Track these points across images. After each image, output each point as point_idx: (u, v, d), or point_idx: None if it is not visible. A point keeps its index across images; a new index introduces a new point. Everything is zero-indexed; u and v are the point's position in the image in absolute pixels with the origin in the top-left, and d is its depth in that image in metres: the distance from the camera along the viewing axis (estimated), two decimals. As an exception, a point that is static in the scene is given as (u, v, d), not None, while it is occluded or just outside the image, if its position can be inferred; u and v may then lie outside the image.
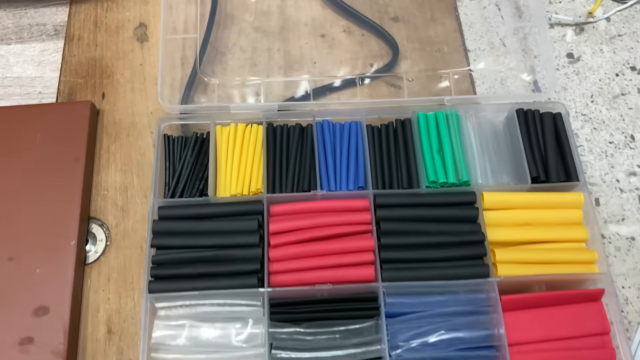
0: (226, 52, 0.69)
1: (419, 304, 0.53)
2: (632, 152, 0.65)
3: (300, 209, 0.57)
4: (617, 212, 0.62)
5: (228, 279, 0.53)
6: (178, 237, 0.55)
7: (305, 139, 0.60)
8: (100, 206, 0.62)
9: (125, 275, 0.59)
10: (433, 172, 0.58)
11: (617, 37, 0.72)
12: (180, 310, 0.53)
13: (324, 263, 0.54)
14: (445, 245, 0.55)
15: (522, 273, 0.54)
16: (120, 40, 0.71)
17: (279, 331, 0.52)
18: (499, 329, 0.52)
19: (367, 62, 0.70)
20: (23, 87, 0.68)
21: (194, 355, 0.52)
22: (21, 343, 0.53)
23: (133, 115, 0.66)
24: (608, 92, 0.69)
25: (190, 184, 0.58)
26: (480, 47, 0.71)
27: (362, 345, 0.51)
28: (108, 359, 0.56)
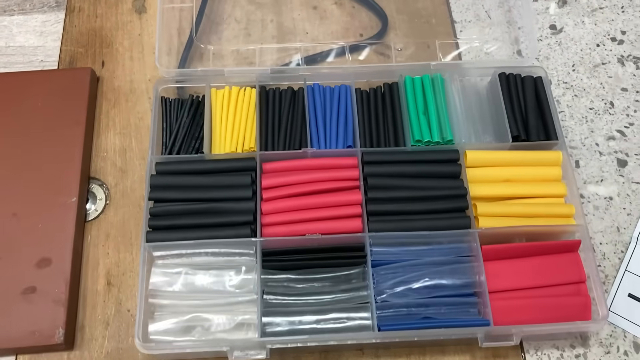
0: (221, 22, 0.72)
1: (403, 253, 0.56)
2: (612, 117, 0.68)
3: (291, 166, 0.59)
4: (596, 174, 0.65)
5: (222, 230, 0.56)
6: (175, 190, 0.58)
7: (297, 102, 0.63)
8: (100, 167, 0.65)
9: (123, 231, 0.61)
10: (418, 132, 0.61)
11: (598, 10, 0.75)
12: (176, 259, 0.56)
13: (314, 216, 0.57)
14: (429, 199, 0.58)
15: (503, 225, 0.57)
16: (119, 11, 0.73)
17: (270, 277, 0.54)
18: (480, 276, 0.54)
19: (357, 33, 0.72)
20: (26, 55, 0.71)
21: (189, 300, 0.54)
22: (24, 292, 0.56)
23: (131, 82, 0.69)
24: (589, 61, 0.72)
25: (187, 143, 0.61)
26: (466, 18, 0.74)
27: (349, 291, 0.54)
28: (107, 309, 0.58)
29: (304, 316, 0.52)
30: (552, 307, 0.54)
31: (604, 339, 0.57)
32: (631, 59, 0.71)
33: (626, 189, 0.64)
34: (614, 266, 0.61)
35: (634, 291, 0.59)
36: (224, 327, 0.53)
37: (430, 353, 0.56)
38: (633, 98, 0.69)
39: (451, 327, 0.52)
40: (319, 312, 0.53)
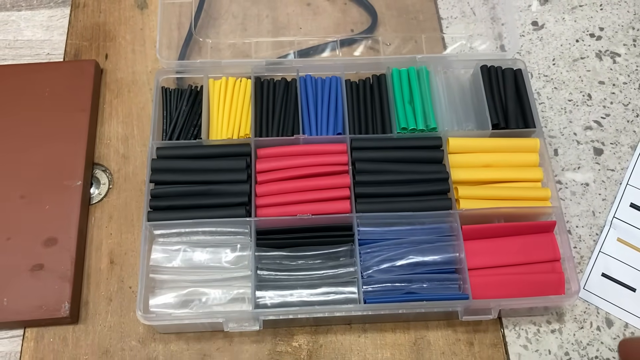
0: (219, 17, 0.76)
1: (388, 233, 0.59)
2: (589, 109, 0.72)
3: (284, 152, 0.63)
4: (574, 161, 0.69)
5: (219, 210, 0.59)
6: (174, 173, 0.61)
7: (290, 92, 0.66)
8: (103, 153, 0.68)
9: (126, 214, 0.65)
10: (404, 120, 0.64)
11: (578, 7, 0.79)
12: (175, 238, 0.59)
13: (305, 198, 0.60)
14: (413, 182, 0.61)
15: (482, 207, 0.60)
16: (122, 7, 0.77)
17: (264, 254, 0.58)
18: (460, 253, 0.58)
19: (348, 28, 0.76)
20: (33, 49, 0.74)
21: (188, 276, 0.57)
22: (33, 269, 0.59)
23: (134, 73, 0.73)
24: (568, 56, 0.75)
25: (185, 130, 0.64)
26: (452, 15, 0.77)
27: (337, 267, 0.57)
28: (110, 286, 0.61)
29: (295, 290, 0.56)
30: (528, 283, 0.58)
31: (578, 315, 0.61)
32: (608, 54, 0.75)
33: (602, 176, 0.68)
34: (589, 248, 0.64)
35: (607, 271, 0.63)
36: (220, 300, 0.57)
37: (414, 328, 0.60)
38: (609, 91, 0.73)
39: (432, 300, 0.55)
40: (310, 287, 0.56)
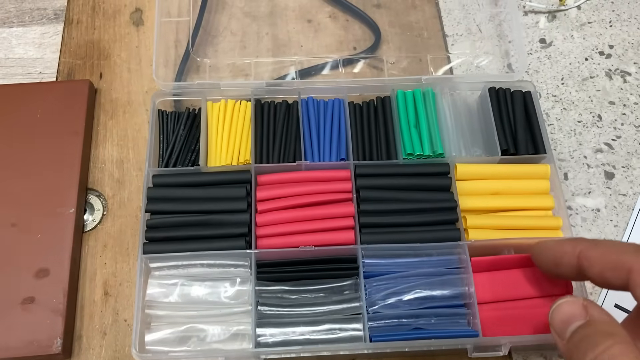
0: (217, 35, 0.73)
1: (394, 265, 0.57)
2: (599, 130, 0.70)
3: (285, 179, 0.60)
4: (584, 186, 0.67)
5: (218, 242, 0.57)
6: (171, 203, 0.59)
7: (291, 115, 0.64)
8: (97, 178, 0.66)
9: (121, 242, 0.63)
10: (410, 145, 0.62)
11: (587, 24, 0.76)
12: (172, 270, 0.57)
13: (307, 228, 0.58)
14: (420, 211, 0.59)
15: (492, 237, 0.58)
16: (117, 24, 0.74)
17: (265, 289, 0.55)
18: (469, 287, 0.55)
19: (350, 46, 0.74)
20: (24, 67, 0.72)
21: (185, 311, 0.55)
22: (23, 302, 0.57)
23: (129, 94, 0.70)
24: (577, 75, 0.73)
25: (183, 156, 0.62)
26: (457, 32, 0.75)
27: (342, 302, 0.55)
28: (105, 319, 0.59)
29: (298, 327, 0.54)
30: (540, 317, 0.56)
31: (591, 348, 0.59)
32: (618, 73, 0.73)
33: (613, 201, 0.66)
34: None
35: (620, 302, 0.60)
36: (219, 337, 0.54)
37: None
38: (620, 111, 0.71)
39: (441, 337, 0.53)
40: (313, 323, 0.54)
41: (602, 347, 0.39)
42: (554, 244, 0.49)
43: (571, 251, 0.47)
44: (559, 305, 0.45)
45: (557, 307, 0.45)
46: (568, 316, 0.44)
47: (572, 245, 0.47)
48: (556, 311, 0.45)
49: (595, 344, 0.40)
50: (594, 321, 0.42)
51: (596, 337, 0.40)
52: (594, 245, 0.46)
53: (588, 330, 0.42)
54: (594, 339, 0.40)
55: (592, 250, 0.46)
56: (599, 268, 0.45)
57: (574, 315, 0.44)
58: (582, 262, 0.46)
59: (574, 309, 0.44)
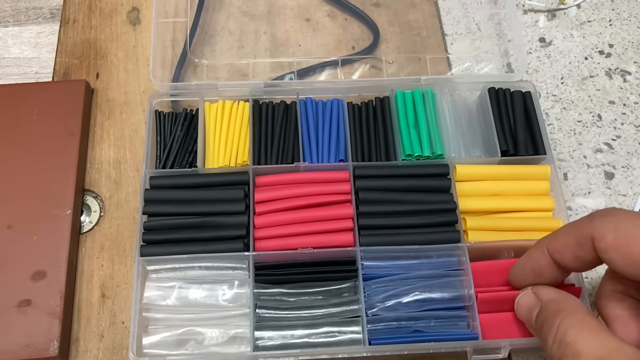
0: (215, 34, 0.73)
1: (394, 267, 0.56)
2: (599, 130, 0.69)
3: (284, 180, 0.60)
4: (584, 186, 0.66)
5: (215, 244, 0.56)
6: (168, 205, 0.58)
7: (290, 115, 0.64)
8: (94, 179, 0.65)
9: (118, 243, 0.62)
10: (409, 146, 0.61)
11: (586, 23, 0.76)
12: (170, 273, 0.57)
13: (306, 230, 0.57)
14: (419, 213, 0.59)
15: (492, 239, 0.58)
16: (113, 23, 0.74)
17: (263, 292, 0.55)
18: (468, 289, 0.55)
19: (349, 45, 0.73)
20: (20, 67, 0.71)
21: (183, 314, 0.55)
22: (20, 305, 0.57)
23: (126, 94, 0.70)
24: (577, 74, 0.73)
25: (180, 157, 0.62)
26: (457, 31, 0.75)
27: (341, 305, 0.54)
28: (102, 321, 0.59)
29: (296, 330, 0.53)
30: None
31: (590, 350, 0.58)
32: (618, 72, 0.73)
33: (613, 202, 0.65)
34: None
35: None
36: (217, 340, 0.54)
37: (420, 365, 0.57)
38: (620, 111, 0.70)
39: (440, 340, 0.53)
40: (311, 326, 0.53)
41: (555, 327, 0.43)
42: (522, 259, 0.51)
43: (540, 253, 0.49)
44: (518, 300, 0.50)
45: (517, 302, 0.50)
46: (527, 308, 0.48)
47: (539, 248, 0.49)
48: (518, 306, 0.50)
49: (550, 325, 0.43)
50: (544, 305, 0.46)
51: (549, 320, 0.44)
52: (555, 236, 0.48)
53: (542, 316, 0.46)
54: (548, 322, 0.44)
55: (556, 241, 0.47)
56: (568, 253, 0.46)
57: (531, 305, 0.48)
58: (554, 256, 0.48)
59: (529, 299, 0.48)
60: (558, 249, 0.47)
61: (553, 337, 0.42)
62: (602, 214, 0.44)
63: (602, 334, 0.41)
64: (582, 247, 0.45)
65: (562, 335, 0.42)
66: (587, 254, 0.45)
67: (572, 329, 0.41)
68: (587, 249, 0.44)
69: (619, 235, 0.42)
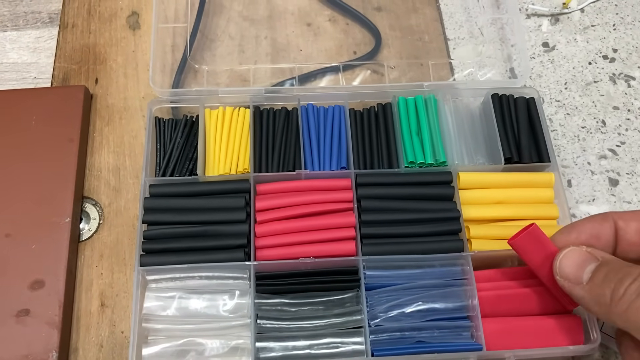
0: (215, 39, 0.72)
1: (397, 277, 0.56)
2: (603, 136, 0.69)
3: (285, 188, 0.59)
4: (588, 193, 0.66)
5: (216, 253, 0.56)
6: (168, 213, 0.57)
7: (291, 122, 0.63)
8: (93, 186, 0.64)
9: (117, 251, 0.61)
10: (412, 153, 0.61)
11: (590, 28, 0.75)
12: (170, 282, 0.56)
13: (307, 238, 0.57)
14: (422, 221, 0.58)
15: (495, 248, 0.57)
16: (113, 27, 0.73)
17: (264, 302, 0.54)
18: (472, 300, 0.54)
19: (350, 49, 0.72)
20: (19, 72, 0.70)
21: (183, 325, 0.54)
22: (18, 315, 0.56)
23: (125, 99, 0.69)
24: (581, 79, 0.72)
25: (180, 164, 0.61)
26: (459, 36, 0.74)
27: (343, 315, 0.54)
28: (101, 330, 0.58)
29: (298, 341, 0.52)
30: (544, 328, 0.55)
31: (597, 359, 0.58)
32: (622, 77, 0.72)
33: (617, 209, 0.65)
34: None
35: None
36: (217, 351, 0.53)
37: (423, 375, 0.56)
38: (624, 117, 0.70)
39: (444, 351, 0.52)
40: (313, 337, 0.53)
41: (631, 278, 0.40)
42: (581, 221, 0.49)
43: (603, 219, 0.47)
44: (566, 254, 0.46)
45: (564, 256, 0.46)
46: (578, 262, 0.45)
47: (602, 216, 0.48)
48: (565, 260, 0.46)
49: (622, 276, 0.41)
50: (608, 260, 0.44)
51: (618, 272, 0.42)
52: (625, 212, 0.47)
53: (608, 268, 0.43)
54: (616, 274, 0.42)
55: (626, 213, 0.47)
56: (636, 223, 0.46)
57: (585, 259, 0.45)
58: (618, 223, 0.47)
59: (581, 254, 0.45)
60: (626, 217, 0.46)
61: (621, 294, 0.40)
62: None
63: None
64: None
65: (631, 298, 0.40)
66: None
67: None
68: None
69: None
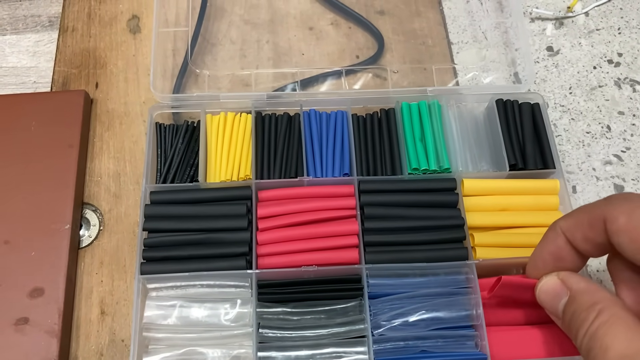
0: (217, 43, 0.71)
1: (400, 285, 0.55)
2: (608, 141, 0.68)
3: (287, 195, 0.59)
4: (593, 199, 0.65)
5: (217, 261, 0.55)
6: (169, 220, 0.57)
7: (293, 128, 0.62)
8: (93, 192, 0.64)
9: (118, 258, 0.61)
10: (415, 160, 0.60)
11: (595, 31, 0.75)
12: (171, 291, 0.55)
13: (310, 246, 0.56)
14: (426, 229, 0.57)
15: (500, 256, 0.56)
16: (113, 31, 0.72)
17: (266, 311, 0.54)
18: (477, 308, 0.54)
19: (353, 54, 0.72)
20: (18, 76, 0.70)
21: (184, 334, 0.53)
22: (17, 323, 0.55)
23: (126, 104, 0.68)
24: (586, 84, 0.71)
25: (181, 171, 0.60)
26: (463, 40, 0.73)
27: (346, 325, 0.53)
28: (101, 339, 0.57)
29: (300, 351, 0.52)
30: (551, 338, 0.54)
31: (601, 369, 0.57)
32: (627, 82, 0.71)
33: (623, 215, 0.64)
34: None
35: (630, 320, 0.59)
36: (219, 361, 0.53)
37: (426, 384, 0.56)
38: (629, 122, 0.69)
39: (447, 362, 0.52)
40: (316, 347, 0.52)
41: (589, 321, 0.40)
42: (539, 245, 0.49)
43: (555, 234, 0.47)
44: (541, 286, 0.47)
45: (539, 288, 0.47)
46: (552, 295, 0.46)
47: (553, 229, 0.47)
48: (540, 292, 0.47)
49: (583, 320, 0.41)
50: (575, 294, 0.44)
51: (581, 313, 0.42)
52: (569, 215, 0.46)
53: (573, 307, 0.43)
54: (580, 315, 0.42)
55: (568, 220, 0.46)
56: (579, 233, 0.45)
57: (558, 292, 0.45)
58: (567, 236, 0.46)
59: (554, 285, 0.46)
60: (570, 228, 0.45)
61: (585, 331, 0.40)
62: (620, 197, 0.43)
63: (636, 331, 0.39)
64: (593, 228, 0.43)
65: (595, 329, 0.40)
66: (598, 235, 0.43)
67: (605, 324, 0.39)
68: (599, 231, 0.43)
69: (632, 220, 0.40)
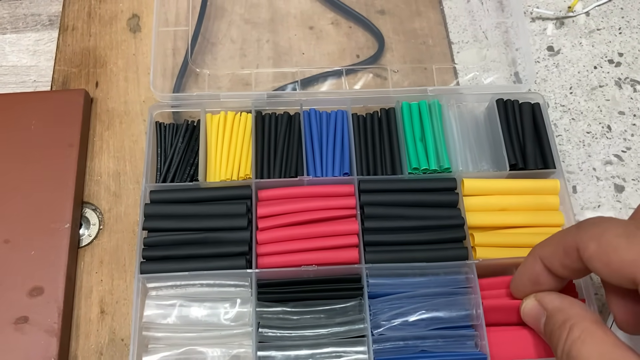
0: (217, 42, 0.71)
1: (400, 285, 0.55)
2: (609, 141, 0.68)
3: (287, 194, 0.58)
4: (593, 199, 0.65)
5: (217, 261, 0.55)
6: (169, 220, 0.57)
7: (293, 127, 0.62)
8: (93, 191, 0.64)
9: (117, 257, 0.61)
10: (415, 159, 0.60)
11: (595, 31, 0.74)
12: (170, 290, 0.55)
13: (310, 246, 0.56)
14: (426, 229, 0.57)
15: (500, 256, 0.56)
16: (113, 30, 0.72)
17: (266, 310, 0.54)
18: (477, 309, 0.54)
19: (353, 53, 0.72)
20: (18, 75, 0.70)
21: (184, 333, 0.53)
22: (16, 322, 0.55)
23: (126, 103, 0.68)
24: (586, 84, 0.71)
25: (181, 170, 0.60)
26: (463, 39, 0.73)
27: (345, 324, 0.53)
28: (101, 338, 0.57)
29: (300, 350, 0.52)
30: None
31: (601, 369, 0.57)
32: (628, 82, 0.71)
33: (623, 215, 0.64)
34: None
35: (630, 320, 0.59)
36: (219, 360, 0.53)
37: (426, 384, 0.56)
38: (630, 122, 0.69)
39: (447, 362, 0.52)
40: (315, 346, 0.52)
41: (563, 339, 0.43)
42: (519, 269, 0.51)
43: (534, 261, 0.48)
44: (523, 309, 0.50)
45: (522, 310, 0.50)
46: (533, 317, 0.49)
47: (532, 256, 0.49)
48: (524, 314, 0.50)
49: (558, 338, 0.43)
50: (550, 314, 0.46)
51: (556, 332, 0.44)
52: (545, 243, 0.48)
53: (550, 326, 0.46)
54: (555, 334, 0.44)
55: (545, 249, 0.47)
56: (556, 261, 0.46)
57: (537, 313, 0.48)
58: (545, 263, 0.48)
59: (533, 307, 0.49)
60: (547, 257, 0.47)
61: (562, 348, 0.43)
62: (589, 222, 0.44)
63: (608, 344, 0.40)
64: (568, 256, 0.45)
65: (569, 347, 0.42)
66: (574, 262, 0.44)
67: (577, 340, 0.42)
68: (574, 258, 0.44)
69: (601, 245, 0.42)
